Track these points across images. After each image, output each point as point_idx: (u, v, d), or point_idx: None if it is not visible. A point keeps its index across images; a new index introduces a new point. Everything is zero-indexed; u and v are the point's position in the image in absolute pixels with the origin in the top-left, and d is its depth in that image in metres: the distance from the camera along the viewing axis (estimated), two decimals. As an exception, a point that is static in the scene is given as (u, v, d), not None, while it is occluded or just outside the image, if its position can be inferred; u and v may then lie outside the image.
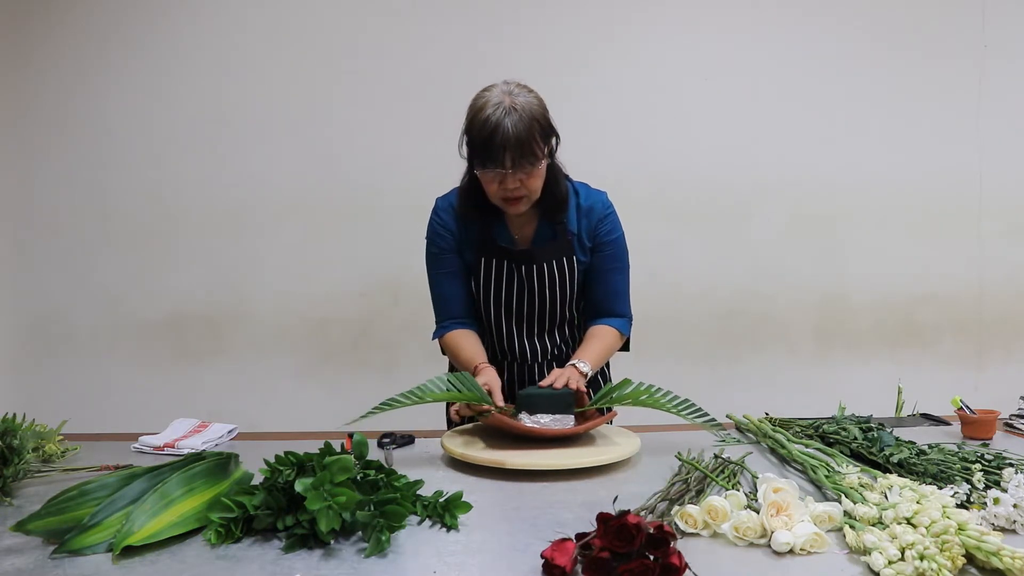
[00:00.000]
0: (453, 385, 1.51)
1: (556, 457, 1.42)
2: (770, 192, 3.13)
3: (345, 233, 3.02)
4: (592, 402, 1.59)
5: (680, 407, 1.51)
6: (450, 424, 1.83)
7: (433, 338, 1.81)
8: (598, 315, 1.78)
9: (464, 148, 1.62)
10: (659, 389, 1.52)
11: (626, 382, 1.53)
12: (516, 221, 1.72)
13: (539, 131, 1.54)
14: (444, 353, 1.83)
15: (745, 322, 3.15)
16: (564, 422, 1.53)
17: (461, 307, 1.76)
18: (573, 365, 1.63)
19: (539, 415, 1.53)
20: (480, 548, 1.07)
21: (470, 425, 1.68)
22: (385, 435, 1.64)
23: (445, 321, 1.77)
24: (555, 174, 1.66)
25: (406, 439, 1.65)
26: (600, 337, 1.73)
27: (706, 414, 1.52)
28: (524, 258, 1.69)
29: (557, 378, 1.56)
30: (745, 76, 3.10)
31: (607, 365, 1.89)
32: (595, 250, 1.73)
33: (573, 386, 1.56)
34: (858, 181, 3.16)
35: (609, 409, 1.58)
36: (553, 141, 1.62)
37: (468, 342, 1.72)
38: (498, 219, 1.71)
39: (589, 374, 1.65)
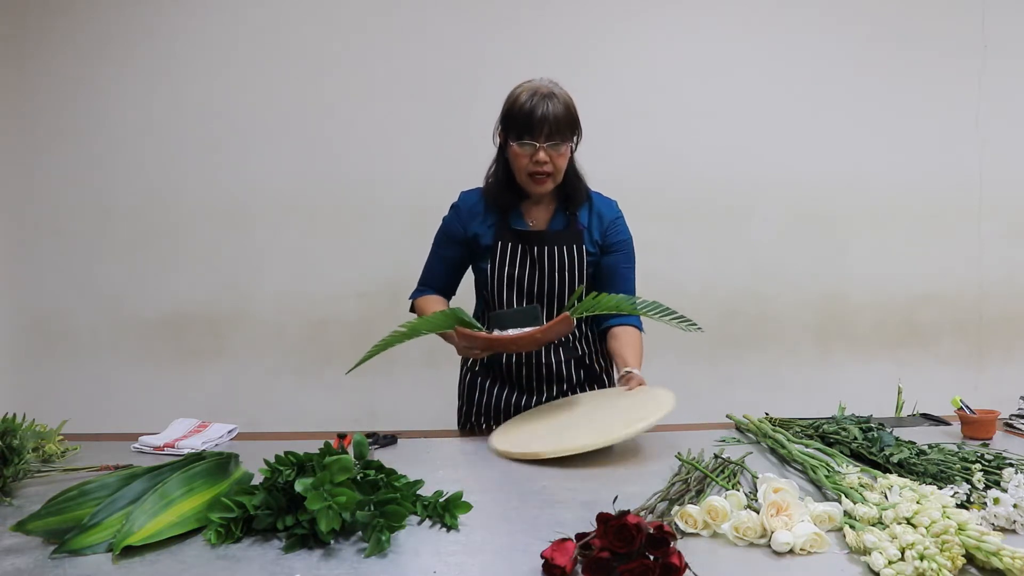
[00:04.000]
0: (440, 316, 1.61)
1: (588, 437, 1.46)
2: (770, 192, 3.13)
3: (345, 233, 3.02)
4: (573, 312, 1.62)
5: (654, 310, 1.57)
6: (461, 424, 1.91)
7: (410, 298, 1.96)
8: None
9: (497, 136, 1.82)
10: (637, 298, 1.60)
11: (604, 295, 1.58)
12: (533, 210, 1.87)
13: (571, 117, 1.76)
14: (412, 311, 1.94)
15: (745, 322, 3.15)
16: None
17: (442, 284, 1.96)
18: (630, 371, 1.74)
19: (508, 329, 1.63)
20: (480, 548, 1.07)
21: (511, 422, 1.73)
22: (368, 435, 1.64)
23: (424, 288, 1.97)
24: (576, 168, 1.85)
25: (389, 439, 1.64)
26: (634, 342, 1.85)
27: (677, 313, 1.56)
28: (537, 240, 1.83)
29: (629, 383, 1.71)
30: (745, 76, 3.10)
31: (607, 361, 1.98)
32: (608, 250, 1.89)
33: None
34: (858, 181, 3.16)
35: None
36: (578, 132, 1.80)
37: (439, 304, 1.88)
38: (516, 208, 1.87)
39: None
